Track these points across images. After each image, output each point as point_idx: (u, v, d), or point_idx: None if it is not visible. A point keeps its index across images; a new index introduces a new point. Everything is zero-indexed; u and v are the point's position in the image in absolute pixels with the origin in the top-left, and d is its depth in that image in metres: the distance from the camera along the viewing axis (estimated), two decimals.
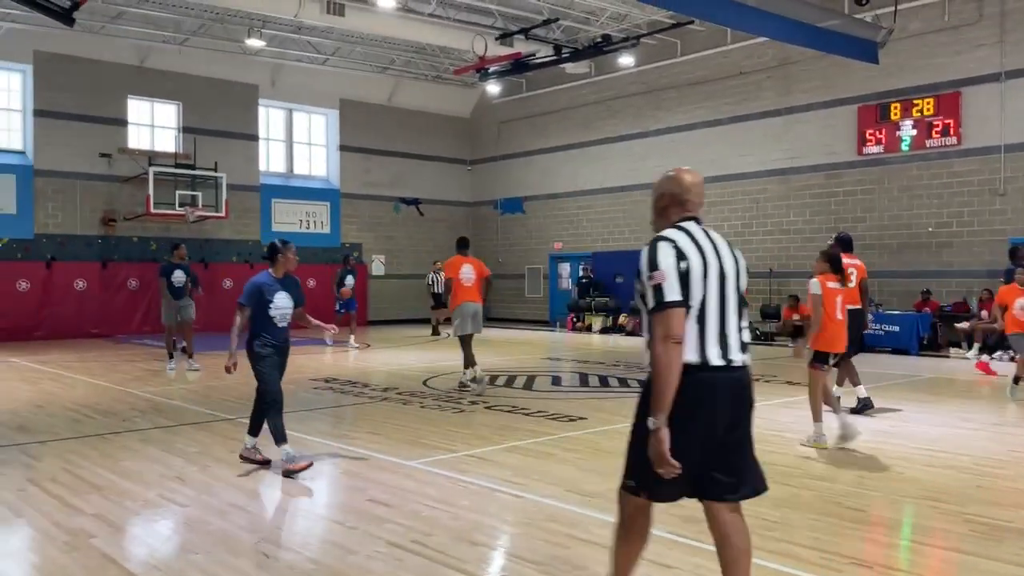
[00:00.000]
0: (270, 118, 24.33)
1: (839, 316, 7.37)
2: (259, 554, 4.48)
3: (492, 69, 20.85)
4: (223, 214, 21.03)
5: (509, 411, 9.04)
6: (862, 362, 10.20)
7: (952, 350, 15.43)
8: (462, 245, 11.17)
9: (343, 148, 25.10)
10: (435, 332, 20.63)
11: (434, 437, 7.59)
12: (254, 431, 6.58)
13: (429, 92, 25.99)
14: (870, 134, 17.94)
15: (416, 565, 4.26)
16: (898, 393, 10.49)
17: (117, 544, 4.70)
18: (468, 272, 10.78)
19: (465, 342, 10.84)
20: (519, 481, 5.97)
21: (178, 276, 13.00)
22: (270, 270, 6.64)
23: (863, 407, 8.71)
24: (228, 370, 6.46)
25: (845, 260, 8.05)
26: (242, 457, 6.61)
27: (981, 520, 5.00)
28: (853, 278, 8.39)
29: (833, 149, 18.64)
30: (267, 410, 6.40)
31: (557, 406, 9.37)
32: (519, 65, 20.33)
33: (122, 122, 20.97)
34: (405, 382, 11.52)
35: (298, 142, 25.07)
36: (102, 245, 20.54)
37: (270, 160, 24.32)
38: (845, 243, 9.02)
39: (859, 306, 8.64)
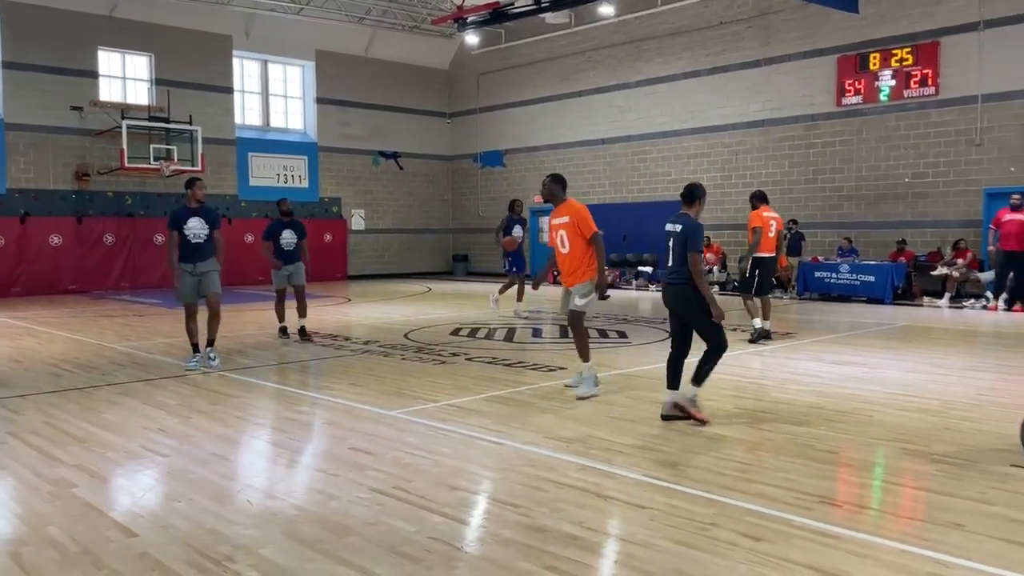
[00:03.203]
0: (245, 70, 23.91)
1: None
2: (242, 500, 4.54)
3: (470, 19, 20.57)
4: (199, 168, 20.77)
5: (490, 362, 9.12)
6: (839, 311, 10.38)
7: (926, 299, 15.67)
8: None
9: (320, 100, 24.76)
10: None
11: (415, 388, 7.66)
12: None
13: (407, 43, 25.59)
14: (849, 84, 17.93)
15: (397, 509, 4.34)
16: (872, 341, 10.67)
17: (100, 493, 4.74)
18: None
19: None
20: (499, 429, 6.06)
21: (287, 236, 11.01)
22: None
23: (759, 337, 10.39)
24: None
25: (766, 212, 10.36)
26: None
27: (947, 461, 5.15)
28: (772, 228, 10.45)
29: (812, 100, 18.64)
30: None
31: (537, 357, 9.45)
32: (498, 15, 20.06)
33: (93, 74, 20.53)
34: (387, 335, 11.56)
35: (274, 94, 24.69)
36: (76, 200, 20.26)
37: (246, 113, 23.96)
38: (762, 197, 10.76)
39: (773, 253, 10.59)
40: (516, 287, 13.84)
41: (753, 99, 19.67)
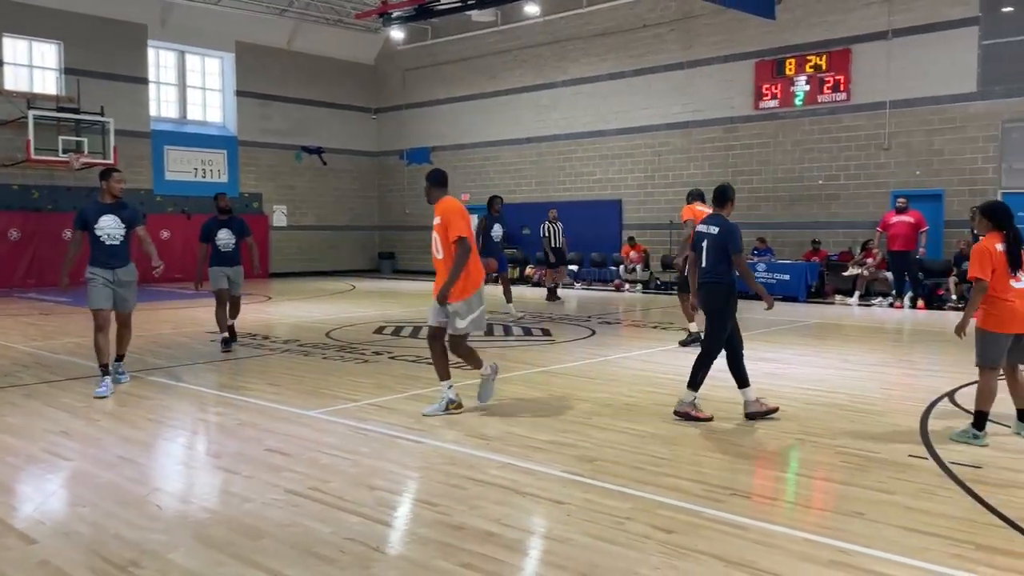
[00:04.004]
0: (160, 60, 23.17)
1: None
2: (150, 505, 4.40)
3: (395, 14, 20.40)
4: (112, 161, 19.99)
5: (413, 361, 9.06)
6: (755, 309, 10.68)
7: (837, 297, 16.27)
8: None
9: (240, 93, 24.17)
10: (553, 295, 16.44)
11: (335, 387, 7.56)
12: None
13: (331, 37, 25.20)
14: (766, 89, 18.46)
15: (313, 510, 4.27)
16: (786, 338, 11.02)
17: None
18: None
19: None
20: (420, 428, 6.03)
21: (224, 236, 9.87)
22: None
23: (692, 341, 9.89)
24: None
25: (699, 206, 9.87)
26: None
27: (851, 452, 5.36)
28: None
29: (732, 103, 19.11)
30: None
31: None
32: (423, 11, 19.95)
33: None
34: (307, 334, 11.36)
35: (191, 86, 23.99)
36: None
37: (162, 105, 23.22)
38: (698, 196, 10.40)
39: None
40: (502, 287, 13.65)
41: (676, 101, 20.06)
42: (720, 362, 6.30)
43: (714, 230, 6.35)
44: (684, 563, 3.57)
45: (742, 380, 6.29)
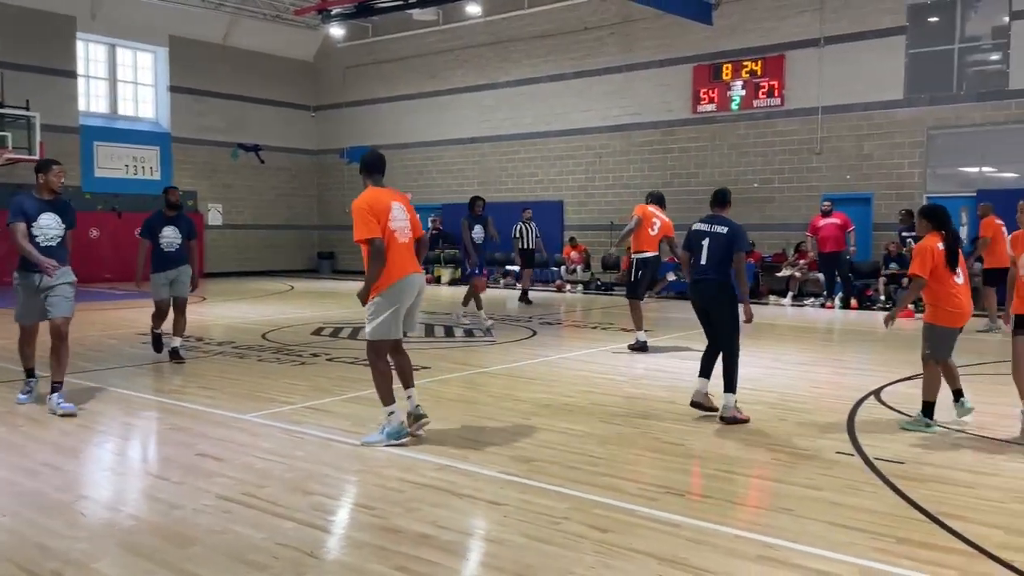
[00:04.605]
0: (90, 54, 22.47)
1: None
2: (75, 513, 4.26)
3: (335, 11, 20.17)
4: (38, 157, 19.28)
5: (351, 362, 8.97)
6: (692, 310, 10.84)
7: (771, 297, 16.67)
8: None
9: (174, 89, 23.59)
10: (525, 298, 16.18)
11: (271, 390, 7.43)
12: None
13: (269, 32, 24.78)
14: (704, 93, 18.80)
15: (246, 516, 4.19)
16: None
17: None
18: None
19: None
20: (357, 430, 5.97)
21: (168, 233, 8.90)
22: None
23: (639, 349, 9.85)
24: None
25: (651, 208, 10.15)
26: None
27: (781, 449, 5.50)
28: (656, 226, 10.12)
29: (670, 107, 19.41)
30: None
31: None
32: (364, 8, 19.79)
33: None
34: (243, 336, 11.15)
35: (123, 81, 23.32)
36: None
37: (91, 100, 22.51)
38: (655, 198, 10.52)
39: (656, 252, 10.32)
40: (473, 290, 12.40)
41: (615, 103, 20.28)
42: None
43: (722, 230, 6.55)
44: (618, 562, 3.61)
45: (706, 372, 6.45)
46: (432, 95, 23.76)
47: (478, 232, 12.70)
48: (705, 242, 6.58)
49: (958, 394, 6.10)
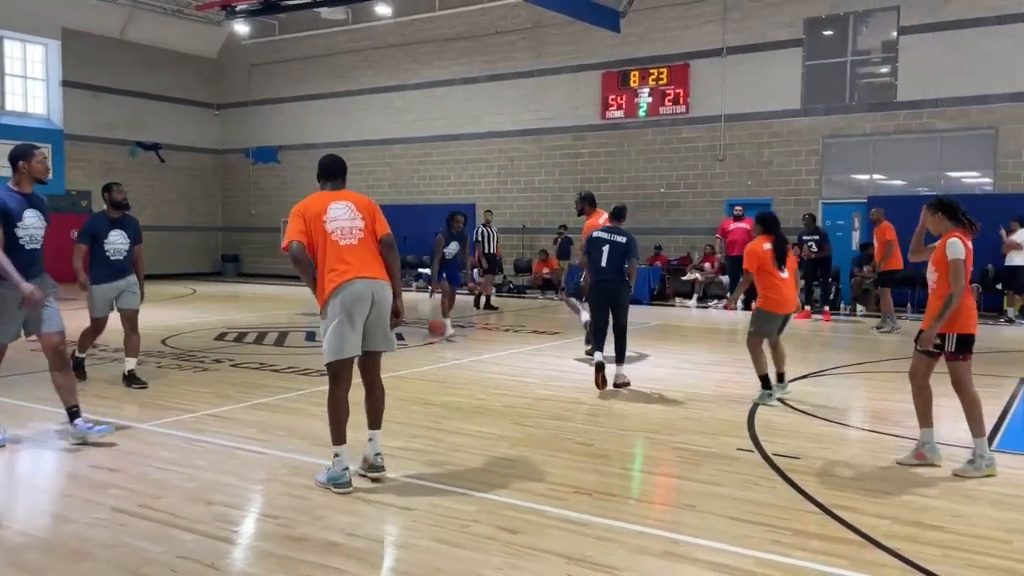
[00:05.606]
0: None
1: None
2: None
3: (239, 7, 19.65)
4: None
5: (257, 368, 8.75)
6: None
7: (677, 299, 17.10)
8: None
9: (67, 84, 22.48)
10: (488, 305, 15.56)
11: (170, 398, 7.17)
12: None
13: (169, 27, 23.89)
14: (612, 99, 19.15)
15: (142, 529, 4.03)
16: (629, 339, 11.42)
17: None
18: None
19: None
20: (262, 438, 5.82)
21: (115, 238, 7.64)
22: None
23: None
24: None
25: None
26: None
27: (686, 447, 5.64)
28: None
29: (580, 112, 19.68)
30: None
31: (308, 362, 9.18)
32: (270, 5, 19.36)
33: None
34: (142, 341, 10.66)
35: (10, 74, 22.08)
36: None
37: None
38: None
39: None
40: (446, 298, 11.64)
41: (526, 108, 20.43)
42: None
43: (621, 240, 7.80)
44: (527, 562, 3.64)
45: (602, 344, 7.79)
46: (341, 95, 23.40)
47: (452, 248, 11.57)
48: (605, 248, 7.77)
49: (781, 377, 7.20)
